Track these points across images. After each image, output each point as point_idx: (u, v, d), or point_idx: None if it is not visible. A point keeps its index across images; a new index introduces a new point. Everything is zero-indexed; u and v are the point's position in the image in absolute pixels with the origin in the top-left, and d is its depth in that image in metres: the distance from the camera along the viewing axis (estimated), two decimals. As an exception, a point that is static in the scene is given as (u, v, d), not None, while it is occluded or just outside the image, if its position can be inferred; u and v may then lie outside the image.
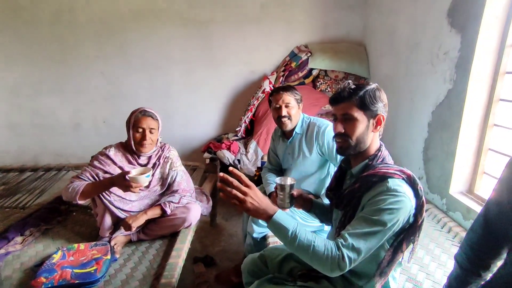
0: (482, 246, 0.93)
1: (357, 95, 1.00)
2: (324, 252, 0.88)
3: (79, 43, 3.26)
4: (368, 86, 1.02)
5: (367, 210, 0.93)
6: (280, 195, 1.21)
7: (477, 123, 1.84)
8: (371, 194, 0.95)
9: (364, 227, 0.90)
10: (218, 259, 2.18)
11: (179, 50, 3.34)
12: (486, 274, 0.94)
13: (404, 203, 0.91)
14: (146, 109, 1.66)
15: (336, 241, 0.91)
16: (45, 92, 3.39)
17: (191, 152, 3.58)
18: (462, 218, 1.83)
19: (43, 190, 2.34)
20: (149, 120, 1.63)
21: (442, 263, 1.54)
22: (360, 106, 1.00)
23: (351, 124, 1.01)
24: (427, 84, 2.20)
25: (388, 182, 0.93)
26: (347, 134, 1.01)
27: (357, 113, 1.00)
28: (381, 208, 0.90)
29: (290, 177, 1.23)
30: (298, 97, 1.77)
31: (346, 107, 1.01)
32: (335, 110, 1.05)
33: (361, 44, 3.33)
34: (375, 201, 0.93)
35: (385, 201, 0.91)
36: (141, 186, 1.49)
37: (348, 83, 1.03)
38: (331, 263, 0.88)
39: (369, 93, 1.00)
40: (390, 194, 0.91)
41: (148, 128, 1.63)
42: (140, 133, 1.63)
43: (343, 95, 1.01)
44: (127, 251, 1.62)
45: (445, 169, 1.98)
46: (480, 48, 1.73)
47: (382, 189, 0.93)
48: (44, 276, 1.30)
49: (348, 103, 1.01)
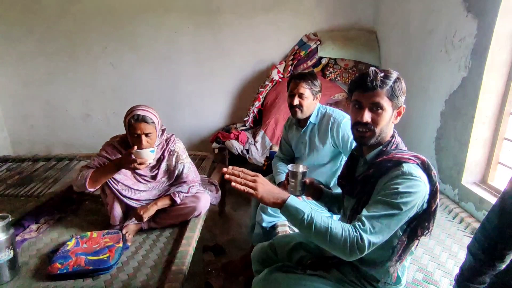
0: (498, 236, 0.91)
1: (389, 85, 0.96)
2: (342, 234, 0.87)
3: (88, 34, 3.27)
4: (392, 73, 0.98)
5: (383, 193, 0.92)
6: (292, 182, 1.19)
7: (493, 112, 1.79)
8: (386, 179, 0.95)
9: (381, 210, 0.89)
10: (227, 248, 2.21)
11: (187, 40, 3.32)
12: (500, 264, 0.93)
13: (420, 187, 0.91)
14: (140, 111, 1.56)
15: (354, 223, 0.90)
16: (55, 84, 3.42)
17: (200, 142, 3.59)
18: (474, 208, 1.80)
19: (56, 179, 2.38)
20: (143, 125, 1.55)
21: (453, 254, 1.52)
22: (390, 97, 0.97)
23: (380, 113, 0.98)
24: (441, 72, 2.14)
25: (403, 166, 0.93)
26: (374, 123, 0.99)
27: (386, 103, 0.97)
28: (398, 191, 0.90)
29: (302, 165, 1.21)
30: (316, 89, 1.72)
31: (377, 96, 0.97)
32: (362, 98, 0.99)
33: (372, 32, 3.25)
34: (391, 185, 0.92)
35: (401, 184, 0.90)
36: (146, 161, 1.50)
37: (375, 71, 0.98)
38: (350, 245, 0.86)
39: (398, 84, 0.97)
40: (406, 178, 0.91)
41: (143, 133, 1.56)
42: (136, 138, 1.57)
43: (375, 83, 0.96)
44: (138, 239, 1.65)
45: (458, 159, 1.94)
46: (498, 34, 1.67)
47: (397, 173, 0.93)
48: (60, 262, 1.33)
49: (379, 91, 0.97)
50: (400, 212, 0.89)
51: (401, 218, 0.91)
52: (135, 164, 1.47)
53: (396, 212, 0.89)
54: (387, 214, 0.89)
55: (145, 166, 1.55)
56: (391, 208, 0.89)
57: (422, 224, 0.97)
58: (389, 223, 0.89)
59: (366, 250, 0.87)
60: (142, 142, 1.56)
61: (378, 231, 0.88)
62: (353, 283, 1.08)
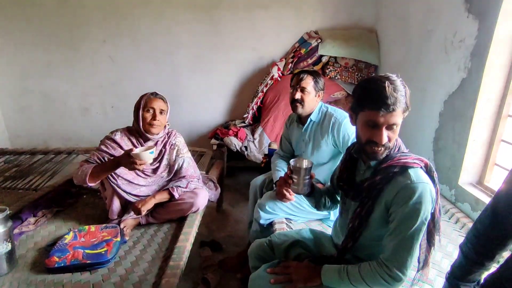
0: (489, 236, 0.92)
1: (403, 102, 0.93)
2: (375, 275, 0.95)
3: (87, 27, 3.25)
4: (400, 85, 0.93)
5: (400, 211, 0.93)
6: (294, 179, 1.13)
7: (491, 113, 1.80)
8: (395, 188, 0.95)
9: (405, 230, 0.93)
10: (224, 244, 2.22)
11: (187, 35, 3.30)
12: (490, 264, 0.94)
13: (431, 192, 0.93)
14: (156, 92, 1.70)
15: (380, 263, 0.96)
16: (54, 77, 3.41)
17: (198, 138, 3.59)
18: (470, 209, 1.82)
19: (54, 172, 2.38)
20: (160, 101, 1.67)
21: (448, 253, 1.54)
22: (404, 112, 0.95)
23: (395, 131, 0.96)
24: (440, 72, 2.15)
25: (410, 174, 0.94)
26: (389, 141, 0.97)
27: (401, 119, 0.96)
28: (414, 205, 0.92)
29: (306, 160, 1.17)
30: (319, 85, 1.73)
31: (396, 117, 0.93)
32: (380, 118, 0.92)
33: (372, 31, 3.25)
34: (404, 198, 0.93)
35: (414, 195, 0.92)
36: (145, 163, 1.49)
37: (392, 89, 0.90)
38: (384, 281, 0.94)
39: (408, 94, 0.95)
40: (416, 187, 0.92)
41: (159, 109, 1.65)
42: (151, 113, 1.65)
43: (396, 106, 0.91)
44: (136, 233, 1.65)
45: (455, 160, 1.96)
46: (498, 36, 1.67)
47: (406, 182, 0.93)
48: (57, 255, 1.34)
49: (398, 111, 0.93)
50: (424, 223, 0.93)
51: (423, 227, 0.94)
52: (135, 165, 1.47)
53: (420, 227, 0.93)
54: (413, 232, 0.93)
55: (144, 167, 1.57)
56: (415, 223, 0.92)
57: (433, 225, 1.00)
58: (415, 238, 0.94)
59: (402, 274, 0.94)
60: (157, 117, 1.64)
61: (404, 254, 0.93)
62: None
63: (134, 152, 1.46)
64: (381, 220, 1.01)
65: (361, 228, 1.04)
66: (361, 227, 1.03)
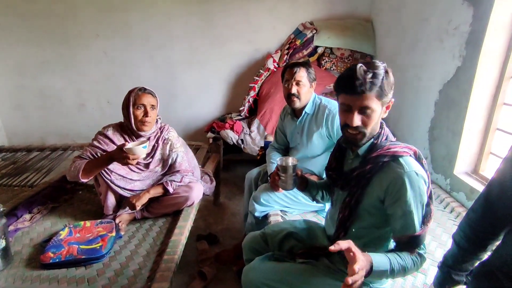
0: (482, 226, 0.92)
1: (377, 85, 0.92)
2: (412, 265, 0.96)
3: (80, 22, 3.22)
4: (380, 70, 0.93)
5: (397, 210, 0.95)
6: (282, 177, 1.18)
7: (486, 102, 1.79)
8: (388, 178, 0.95)
9: (415, 216, 0.94)
10: (221, 237, 2.23)
11: (181, 28, 3.27)
12: (482, 254, 0.94)
13: (423, 178, 0.95)
14: (144, 87, 1.65)
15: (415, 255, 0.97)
16: (48, 73, 3.38)
17: (195, 131, 3.58)
18: (465, 198, 1.82)
19: (50, 169, 2.38)
20: (149, 97, 1.63)
21: (443, 243, 1.54)
22: (379, 97, 0.94)
23: (369, 115, 0.96)
24: (435, 61, 2.13)
25: (402, 163, 0.94)
26: (364, 125, 0.97)
27: (375, 104, 0.95)
28: (411, 194, 0.93)
29: (291, 157, 1.20)
30: (311, 75, 1.72)
31: (367, 99, 0.93)
32: (350, 101, 0.95)
33: (368, 20, 3.21)
34: (400, 190, 0.93)
35: (409, 184, 0.93)
36: (139, 157, 1.49)
37: (363, 71, 0.92)
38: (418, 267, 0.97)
39: (387, 81, 0.94)
40: (410, 175, 0.93)
41: (149, 104, 1.63)
42: (142, 110, 1.62)
43: (364, 87, 0.91)
44: (132, 228, 1.66)
45: (451, 149, 1.95)
46: (493, 23, 1.65)
47: (399, 172, 0.93)
48: (52, 251, 1.34)
49: (368, 95, 0.93)
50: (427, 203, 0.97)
51: None
52: (128, 160, 1.46)
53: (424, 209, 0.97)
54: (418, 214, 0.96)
55: (137, 161, 1.56)
56: (421, 209, 0.95)
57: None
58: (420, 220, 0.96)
59: (424, 257, 0.97)
60: (149, 113, 1.61)
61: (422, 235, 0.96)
62: (341, 271, 1.09)
63: (127, 147, 1.45)
64: (371, 209, 1.01)
65: (351, 218, 1.04)
66: (351, 216, 1.04)
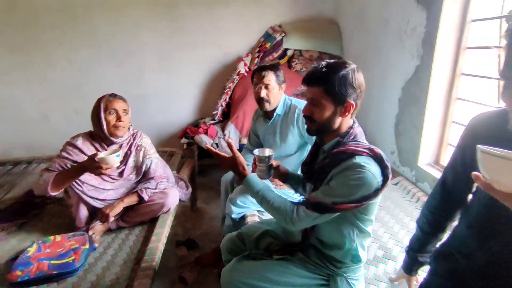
0: (440, 210, 1.00)
1: (327, 81, 0.96)
2: (281, 206, 1.05)
3: (40, 30, 3.08)
4: (343, 69, 0.96)
5: (331, 182, 0.98)
6: (259, 167, 1.22)
7: (442, 97, 1.92)
8: (338, 169, 0.98)
9: (323, 198, 0.97)
10: (200, 241, 2.22)
11: (149, 34, 3.22)
12: (442, 235, 1.03)
13: (367, 179, 0.92)
14: (115, 93, 1.64)
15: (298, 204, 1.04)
16: (9, 83, 3.20)
17: (168, 138, 3.54)
18: (429, 188, 1.94)
19: (14, 184, 2.26)
20: (120, 102, 1.62)
21: (411, 231, 1.64)
22: (328, 93, 0.97)
23: (318, 109, 1.01)
24: (397, 60, 2.26)
25: (355, 158, 0.95)
26: (313, 118, 1.02)
27: (324, 99, 0.98)
28: (345, 183, 0.95)
29: (268, 149, 1.24)
30: (280, 78, 1.76)
31: (315, 92, 1.00)
32: (306, 91, 1.04)
33: (333, 22, 3.33)
34: (340, 176, 0.96)
35: (348, 177, 0.94)
36: (112, 166, 1.43)
37: (322, 66, 0.98)
38: (285, 215, 1.04)
39: (341, 79, 0.95)
40: (355, 170, 0.93)
41: (121, 109, 1.61)
42: (114, 115, 1.59)
43: (314, 78, 0.99)
44: (107, 239, 1.61)
45: (414, 143, 2.07)
46: (444, 24, 1.78)
47: (348, 165, 0.95)
48: (20, 269, 1.28)
49: (317, 88, 0.98)
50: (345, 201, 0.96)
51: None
52: (101, 170, 1.41)
53: None
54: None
55: (111, 171, 1.53)
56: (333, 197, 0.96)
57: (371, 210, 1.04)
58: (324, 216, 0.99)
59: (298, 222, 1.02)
60: (122, 117, 1.59)
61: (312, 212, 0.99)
62: (316, 263, 1.14)
63: (99, 157, 1.40)
64: None
65: None
66: None
